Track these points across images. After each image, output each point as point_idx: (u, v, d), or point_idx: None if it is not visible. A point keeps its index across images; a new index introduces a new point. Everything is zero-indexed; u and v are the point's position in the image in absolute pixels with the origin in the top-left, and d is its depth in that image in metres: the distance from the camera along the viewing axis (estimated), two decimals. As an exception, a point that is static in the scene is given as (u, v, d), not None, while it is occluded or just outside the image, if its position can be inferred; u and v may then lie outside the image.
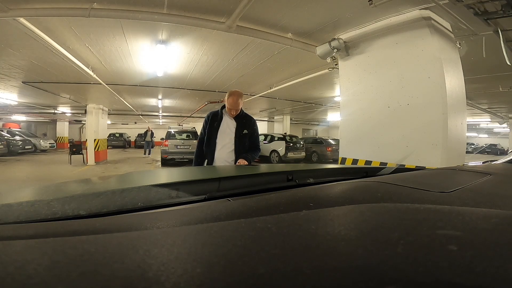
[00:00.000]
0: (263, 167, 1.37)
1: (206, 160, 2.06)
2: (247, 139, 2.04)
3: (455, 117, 2.52)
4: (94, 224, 0.36)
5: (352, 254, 0.21)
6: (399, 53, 2.76)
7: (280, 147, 9.87)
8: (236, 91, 2.01)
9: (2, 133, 11.46)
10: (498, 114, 10.25)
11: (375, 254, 0.21)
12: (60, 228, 0.35)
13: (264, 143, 10.53)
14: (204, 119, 2.14)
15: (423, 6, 2.49)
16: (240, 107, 2.02)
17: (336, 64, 3.67)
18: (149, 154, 12.34)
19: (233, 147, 2.01)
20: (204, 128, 2.10)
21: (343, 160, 3.36)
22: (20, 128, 14.85)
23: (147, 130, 12.88)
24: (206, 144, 2.04)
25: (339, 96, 3.73)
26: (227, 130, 2.02)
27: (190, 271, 0.18)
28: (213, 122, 2.05)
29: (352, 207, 0.36)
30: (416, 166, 2.47)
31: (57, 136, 16.96)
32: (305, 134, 18.35)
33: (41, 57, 4.20)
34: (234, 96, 1.97)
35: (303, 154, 10.46)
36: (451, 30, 2.69)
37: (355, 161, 3.21)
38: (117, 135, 18.42)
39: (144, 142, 13.04)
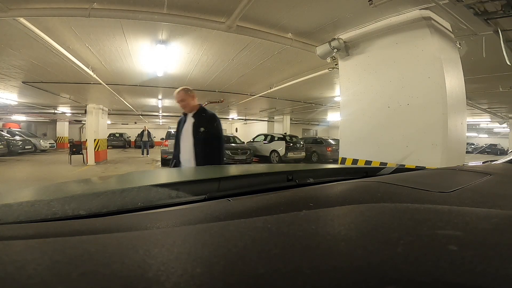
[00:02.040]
0: (263, 167, 1.37)
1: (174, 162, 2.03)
2: (208, 138, 1.92)
3: (455, 117, 2.52)
4: (94, 224, 0.36)
5: (352, 254, 0.21)
6: (399, 53, 2.76)
7: (280, 147, 9.87)
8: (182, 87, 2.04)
9: (2, 133, 11.45)
10: (498, 114, 10.25)
11: (375, 254, 0.21)
12: (60, 228, 0.35)
13: (264, 143, 10.54)
14: None
15: (423, 6, 2.48)
16: (184, 99, 1.97)
17: (336, 64, 3.67)
18: (147, 154, 12.31)
19: (192, 148, 1.92)
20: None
21: (343, 160, 3.36)
22: (20, 128, 14.85)
23: (143, 130, 12.83)
24: (174, 148, 2.05)
25: (339, 96, 3.72)
26: (187, 131, 1.97)
27: (190, 271, 0.18)
28: (179, 125, 2.05)
29: (352, 207, 0.36)
30: (416, 166, 2.47)
31: (57, 136, 16.94)
32: (305, 134, 18.34)
33: (41, 57, 4.20)
34: (178, 90, 2.00)
35: (303, 154, 10.46)
36: (451, 30, 2.69)
37: (355, 161, 3.21)
38: (117, 135, 18.40)
39: (141, 142, 12.98)
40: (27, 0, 2.53)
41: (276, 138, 10.37)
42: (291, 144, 10.13)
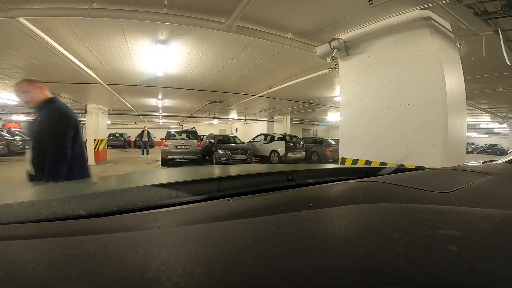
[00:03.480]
0: (263, 167, 1.37)
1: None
2: (40, 138, 1.46)
3: (455, 117, 2.52)
4: (94, 224, 0.36)
5: (352, 254, 0.21)
6: (399, 53, 2.76)
7: (280, 147, 9.86)
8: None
9: (2, 133, 11.44)
10: (498, 114, 10.25)
11: (375, 254, 0.21)
12: (60, 228, 0.35)
13: (264, 143, 10.53)
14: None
15: (423, 6, 2.48)
16: (27, 90, 1.53)
17: (336, 64, 3.67)
18: (147, 154, 12.30)
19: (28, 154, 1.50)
20: None
21: (343, 160, 3.36)
22: (20, 128, 14.84)
23: (143, 130, 12.80)
24: None
25: (339, 96, 3.72)
26: None
27: (190, 271, 0.18)
28: None
29: (352, 207, 0.36)
30: (416, 166, 2.47)
31: (57, 136, 16.90)
32: (305, 134, 18.33)
33: (41, 57, 4.20)
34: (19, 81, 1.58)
35: (303, 154, 10.45)
36: (451, 30, 2.69)
37: (355, 161, 3.21)
38: (117, 135, 18.38)
39: (141, 142, 12.96)
40: (27, 0, 2.53)
41: (276, 138, 10.36)
42: (291, 144, 10.13)
